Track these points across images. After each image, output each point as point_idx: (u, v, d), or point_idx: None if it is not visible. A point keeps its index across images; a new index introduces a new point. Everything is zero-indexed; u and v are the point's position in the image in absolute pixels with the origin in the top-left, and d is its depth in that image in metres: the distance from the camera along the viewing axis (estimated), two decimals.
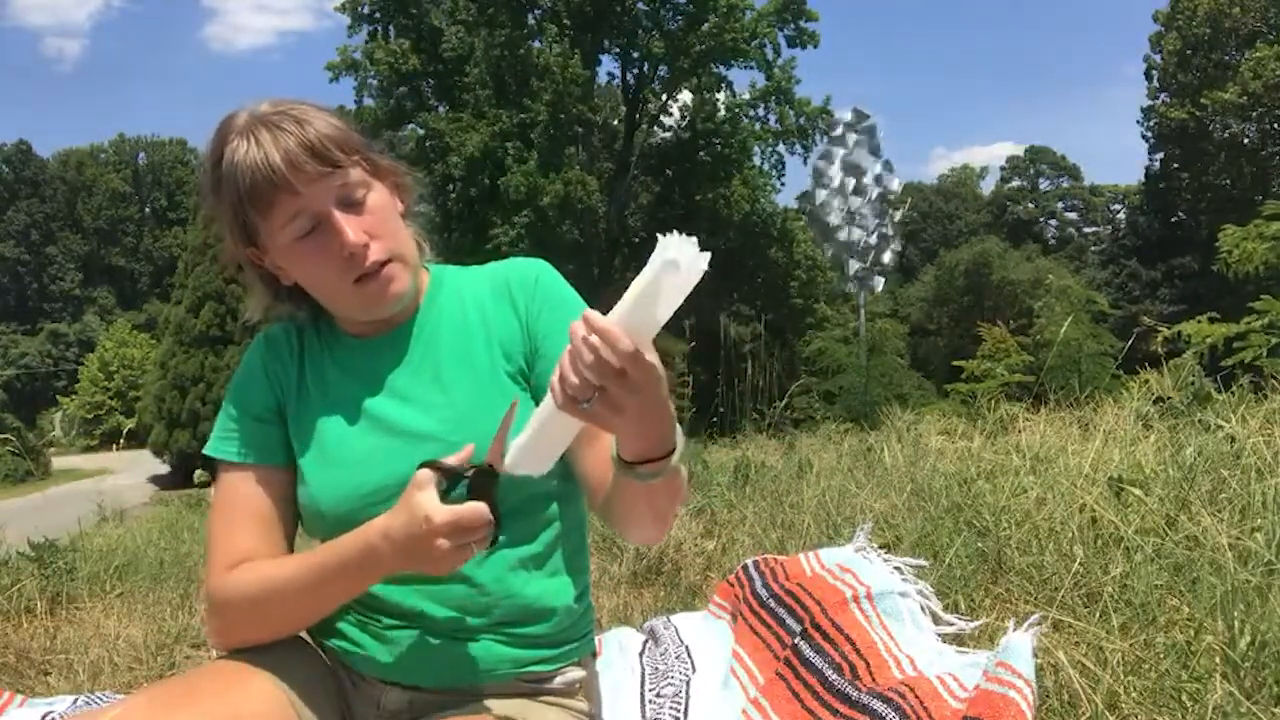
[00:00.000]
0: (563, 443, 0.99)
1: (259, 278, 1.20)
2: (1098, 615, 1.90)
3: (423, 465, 1.03)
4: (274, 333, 1.27)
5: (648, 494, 1.03)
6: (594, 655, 1.32)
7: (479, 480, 1.02)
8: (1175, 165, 34.31)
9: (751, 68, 26.26)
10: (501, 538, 1.10)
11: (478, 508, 0.99)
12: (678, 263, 0.84)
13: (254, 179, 1.08)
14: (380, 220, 1.14)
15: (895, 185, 21.92)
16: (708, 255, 0.85)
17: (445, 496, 1.01)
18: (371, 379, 1.20)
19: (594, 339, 0.86)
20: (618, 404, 0.89)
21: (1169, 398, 4.32)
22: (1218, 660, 1.63)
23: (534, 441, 0.98)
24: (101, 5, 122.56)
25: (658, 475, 0.99)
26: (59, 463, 31.95)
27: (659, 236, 0.85)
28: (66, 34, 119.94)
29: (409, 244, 1.19)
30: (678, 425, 1.00)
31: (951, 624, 1.51)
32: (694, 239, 0.85)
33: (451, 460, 1.03)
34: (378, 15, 26.22)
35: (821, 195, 21.12)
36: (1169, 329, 6.60)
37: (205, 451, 1.23)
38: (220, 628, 1.17)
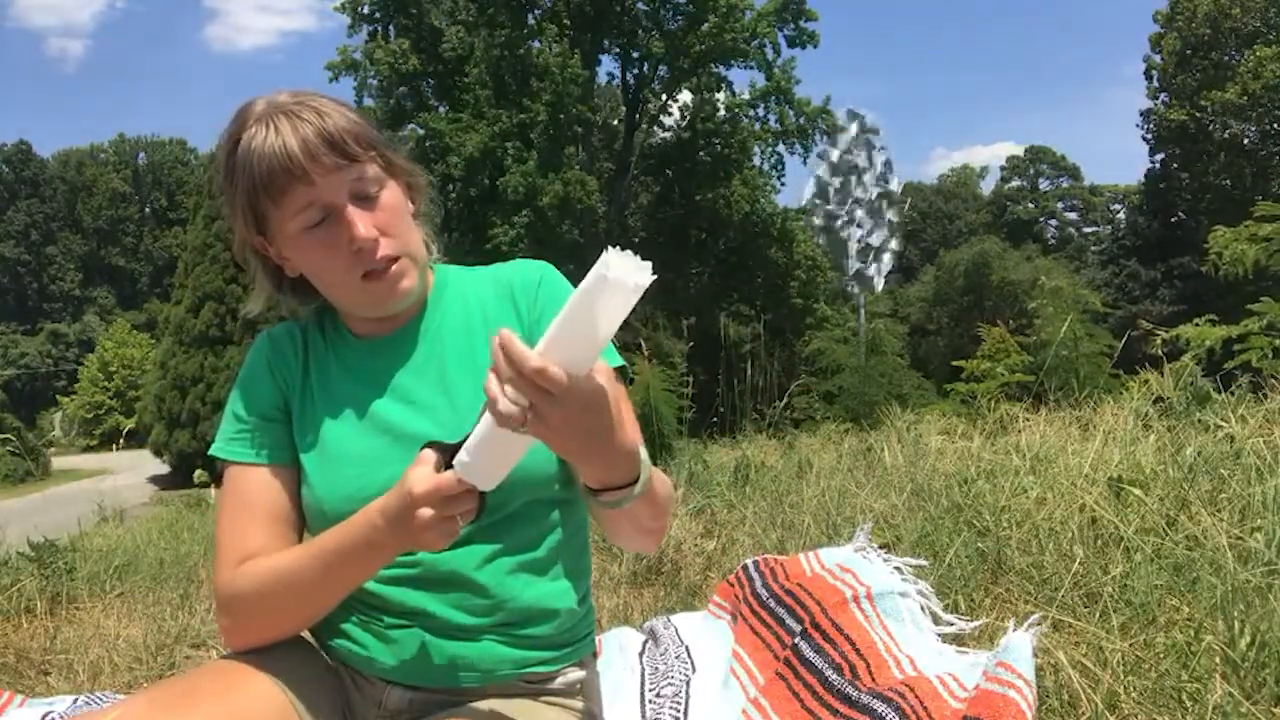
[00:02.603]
0: (508, 458, 0.96)
1: (264, 268, 1.20)
2: (1098, 615, 1.90)
3: (426, 445, 1.02)
4: (277, 332, 1.27)
5: (625, 514, 1.03)
6: (594, 655, 1.32)
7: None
8: (1175, 165, 34.29)
9: (751, 68, 26.28)
10: (504, 547, 1.10)
11: (425, 456, 0.98)
12: (606, 277, 0.82)
13: (270, 165, 1.08)
14: (392, 218, 1.14)
15: (895, 185, 21.90)
16: (650, 275, 0.83)
17: None
18: (375, 380, 1.20)
19: (502, 350, 0.86)
20: (546, 420, 0.88)
21: (1168, 398, 4.32)
22: (1218, 660, 1.63)
23: (478, 454, 0.96)
24: (104, 6, 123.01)
25: (621, 504, 0.99)
26: (59, 463, 31.95)
27: (607, 249, 0.83)
28: (70, 34, 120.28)
29: (419, 243, 1.19)
30: (642, 454, 1.00)
31: (951, 624, 1.51)
32: (637, 257, 0.83)
33: (455, 441, 1.02)
34: (378, 15, 26.22)
35: (821, 195, 21.11)
36: (1167, 332, 6.59)
37: (212, 453, 1.22)
38: (230, 625, 1.16)
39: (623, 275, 0.82)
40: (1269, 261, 7.05)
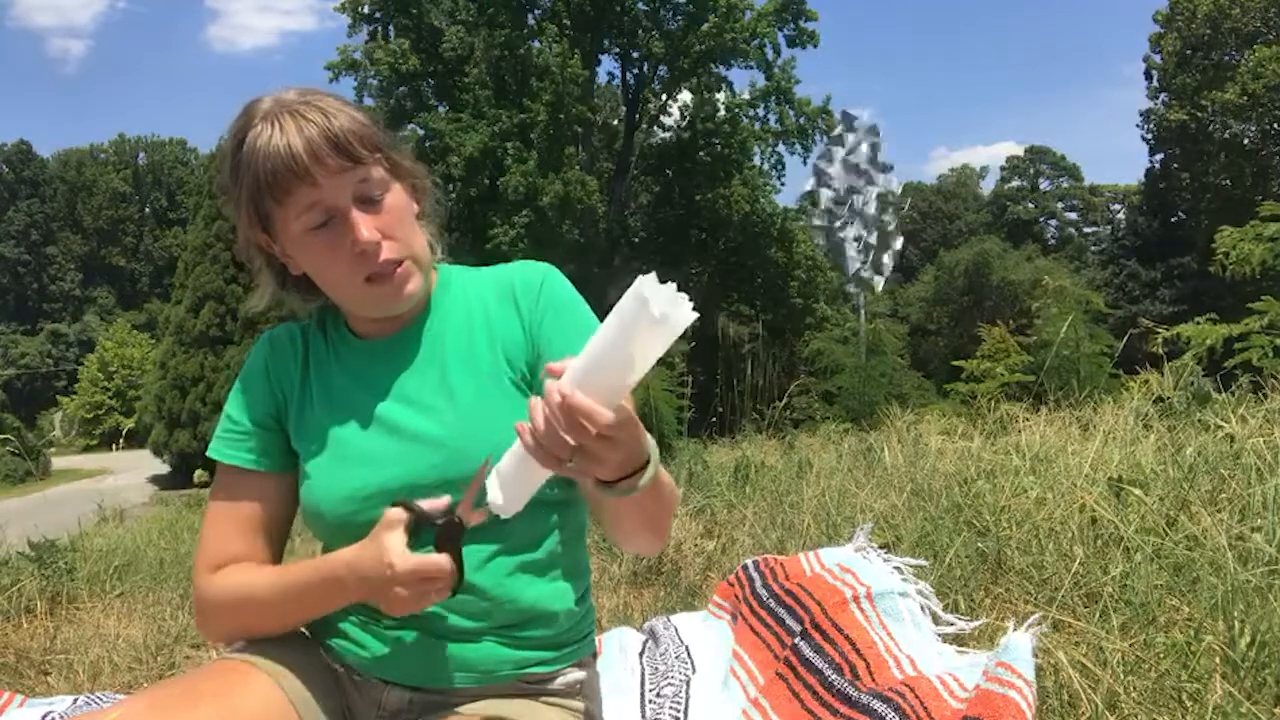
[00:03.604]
0: (534, 486, 0.98)
1: (267, 266, 1.20)
2: (1098, 615, 1.90)
3: (396, 504, 1.04)
4: (278, 333, 1.27)
5: (635, 505, 1.02)
6: (594, 656, 1.32)
7: (446, 531, 1.02)
8: (1175, 165, 34.28)
9: (751, 68, 26.32)
10: (503, 548, 1.10)
11: (439, 561, 0.99)
12: (653, 316, 0.79)
13: (274, 166, 1.08)
14: (395, 220, 1.14)
15: (895, 185, 21.91)
16: (693, 312, 0.81)
17: (413, 540, 1.02)
18: (376, 381, 1.20)
19: (571, 414, 0.85)
20: (599, 458, 0.90)
21: (1168, 398, 4.32)
22: (1218, 660, 1.63)
23: (506, 484, 0.97)
24: (106, 6, 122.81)
25: (634, 490, 0.98)
26: (59, 463, 31.96)
27: (639, 278, 0.80)
28: (71, 34, 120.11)
29: (422, 246, 1.19)
30: (647, 435, 0.99)
31: (951, 624, 1.51)
32: (674, 287, 0.81)
33: (425, 504, 1.04)
34: (378, 15, 26.23)
35: (822, 195, 21.12)
36: (1168, 330, 6.60)
37: (208, 453, 1.24)
38: (202, 624, 1.24)
39: (669, 315, 0.79)
40: (1276, 261, 7.07)
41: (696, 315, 0.82)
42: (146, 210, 65.98)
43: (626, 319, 0.81)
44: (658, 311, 0.79)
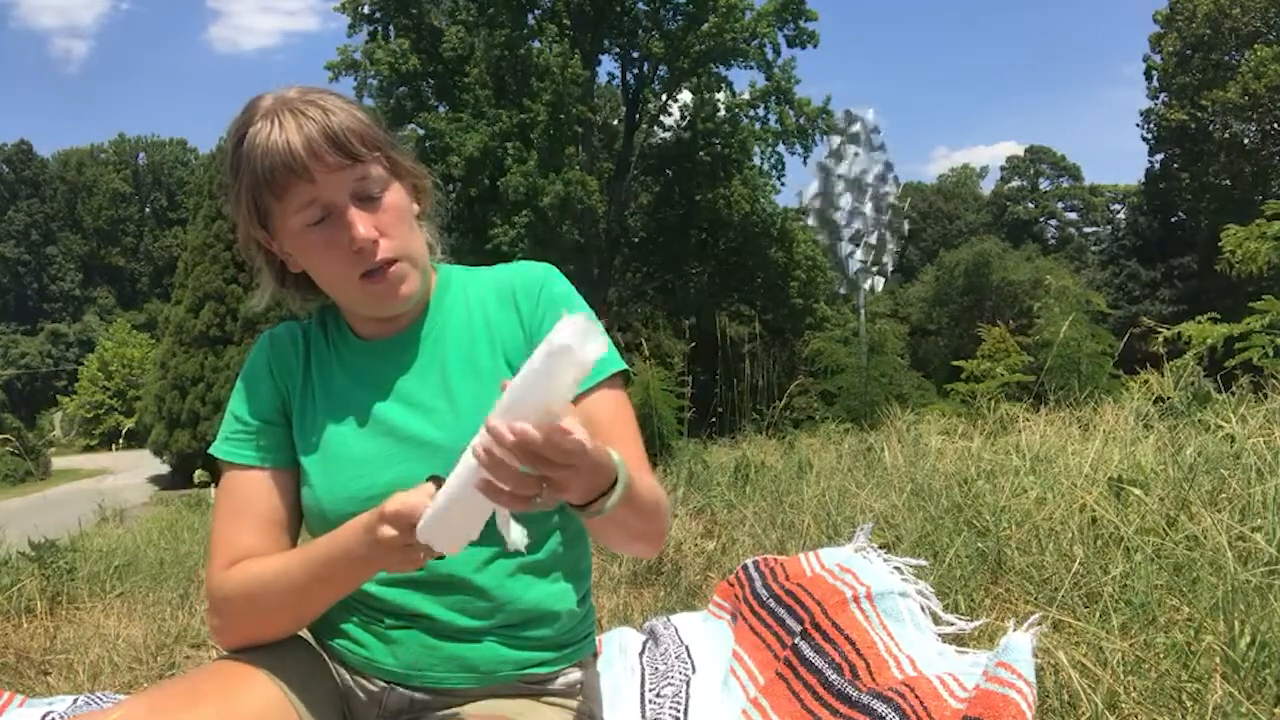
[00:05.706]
0: (480, 521, 0.94)
1: (266, 263, 1.20)
2: (1098, 615, 1.90)
3: (430, 478, 1.01)
4: (278, 332, 1.27)
5: (611, 523, 1.02)
6: (595, 656, 1.32)
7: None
8: (1175, 165, 34.27)
9: (751, 68, 26.26)
10: (504, 549, 1.09)
11: (424, 488, 0.97)
12: (570, 348, 0.82)
13: (273, 162, 1.08)
14: (394, 219, 1.14)
15: (895, 185, 21.91)
16: (603, 346, 0.84)
17: None
18: (377, 382, 1.20)
19: (518, 444, 0.85)
20: (564, 485, 0.90)
21: (1169, 398, 4.32)
22: (1218, 660, 1.63)
23: (447, 518, 0.94)
24: (108, 7, 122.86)
25: (602, 511, 0.98)
26: (59, 463, 32.03)
27: (564, 315, 0.84)
28: (74, 35, 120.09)
29: (420, 246, 1.19)
30: (613, 457, 0.98)
31: (951, 624, 1.50)
32: (592, 325, 0.84)
33: None
34: (378, 15, 26.22)
35: (822, 195, 21.12)
36: (1169, 329, 6.60)
37: (210, 452, 1.23)
38: (219, 626, 1.18)
39: (582, 348, 0.83)
40: None
41: (604, 351, 0.85)
42: (146, 210, 65.98)
43: (540, 353, 0.84)
44: (559, 342, 0.83)
